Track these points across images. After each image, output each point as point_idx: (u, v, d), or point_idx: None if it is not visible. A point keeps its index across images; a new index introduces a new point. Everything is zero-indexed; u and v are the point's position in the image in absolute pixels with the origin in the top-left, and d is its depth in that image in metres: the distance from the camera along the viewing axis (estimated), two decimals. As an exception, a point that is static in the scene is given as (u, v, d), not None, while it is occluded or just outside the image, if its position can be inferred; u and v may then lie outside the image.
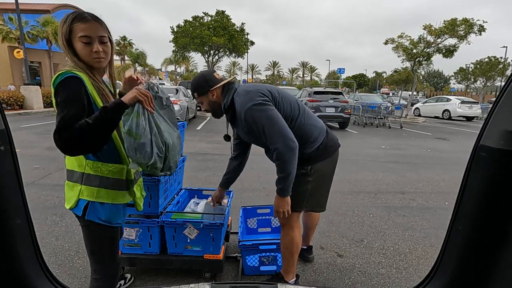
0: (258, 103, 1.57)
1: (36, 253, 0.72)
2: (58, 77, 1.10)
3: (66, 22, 1.16)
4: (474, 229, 0.72)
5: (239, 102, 1.62)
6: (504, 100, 0.64)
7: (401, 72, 24.27)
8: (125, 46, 31.31)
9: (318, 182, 1.80)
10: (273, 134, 1.55)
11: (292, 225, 1.86)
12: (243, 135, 1.81)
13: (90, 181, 1.22)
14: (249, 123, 1.60)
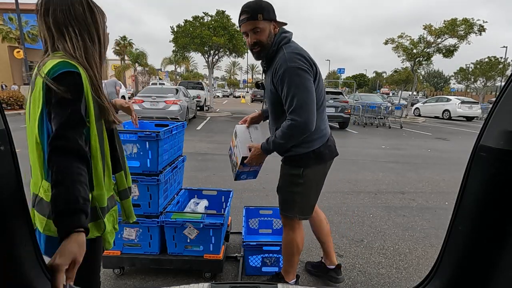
0: (303, 69, 1.47)
1: (36, 253, 0.72)
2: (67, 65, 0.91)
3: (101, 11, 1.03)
4: (474, 229, 0.72)
5: (286, 55, 1.50)
6: (504, 100, 0.64)
7: (401, 72, 24.26)
8: (125, 46, 31.32)
9: (308, 187, 1.73)
10: (300, 105, 1.46)
11: (293, 226, 1.83)
12: (267, 89, 1.69)
13: (42, 208, 0.94)
14: (282, 81, 1.49)
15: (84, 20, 0.97)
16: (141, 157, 1.96)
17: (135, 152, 1.95)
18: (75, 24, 0.95)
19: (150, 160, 1.97)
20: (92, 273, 1.10)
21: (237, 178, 1.93)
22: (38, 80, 0.90)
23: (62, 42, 0.95)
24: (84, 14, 0.97)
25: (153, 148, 1.94)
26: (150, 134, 1.89)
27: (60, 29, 0.95)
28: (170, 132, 2.14)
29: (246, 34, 1.59)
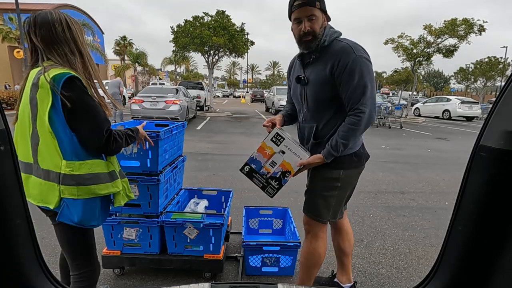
0: (369, 60, 1.45)
1: (36, 253, 0.72)
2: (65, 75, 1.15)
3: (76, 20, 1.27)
4: (474, 229, 0.72)
5: (351, 45, 1.45)
6: (504, 100, 0.64)
7: (401, 72, 24.25)
8: (125, 46, 31.32)
9: (344, 190, 1.65)
10: (371, 96, 1.43)
11: (317, 234, 1.68)
12: (315, 83, 1.54)
13: (67, 180, 1.21)
14: (352, 70, 1.41)
15: (65, 38, 1.21)
16: (141, 157, 1.96)
17: (135, 152, 1.95)
18: (57, 41, 1.20)
19: (150, 160, 1.97)
20: (90, 248, 1.40)
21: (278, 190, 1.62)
22: (43, 83, 1.13)
23: (51, 55, 1.20)
24: (64, 32, 1.21)
25: (153, 148, 1.94)
26: (150, 134, 1.89)
27: (47, 45, 1.20)
28: (170, 132, 2.14)
29: (298, 22, 1.47)
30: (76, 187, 1.21)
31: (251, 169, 1.57)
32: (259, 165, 1.57)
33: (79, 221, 1.24)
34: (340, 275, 2.02)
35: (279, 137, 1.53)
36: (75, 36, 1.24)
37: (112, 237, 2.08)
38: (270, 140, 1.53)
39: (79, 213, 1.23)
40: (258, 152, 1.55)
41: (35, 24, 1.18)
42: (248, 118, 14.62)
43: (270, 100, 16.97)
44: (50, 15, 1.20)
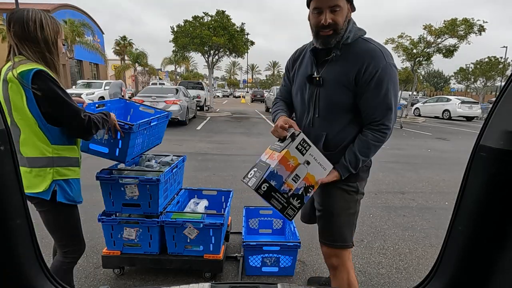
0: (395, 66, 1.29)
1: (36, 253, 0.72)
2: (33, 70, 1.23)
3: (55, 21, 1.36)
4: (474, 229, 0.71)
5: (381, 49, 1.26)
6: (504, 100, 0.64)
7: (401, 72, 24.25)
8: (125, 46, 31.31)
9: (359, 205, 1.49)
10: (395, 111, 1.30)
11: (347, 266, 1.47)
12: (332, 84, 1.33)
13: (60, 162, 1.37)
14: (380, 80, 1.24)
15: (35, 36, 1.28)
16: (111, 144, 1.84)
17: (105, 139, 1.83)
18: (29, 38, 1.27)
19: (120, 149, 1.85)
20: (76, 227, 1.54)
21: (299, 210, 1.34)
22: (11, 78, 1.22)
23: (23, 50, 1.28)
24: (35, 31, 1.27)
25: (124, 139, 1.82)
26: (123, 125, 1.76)
27: (19, 41, 1.27)
28: (149, 124, 2.01)
29: (319, 11, 1.25)
30: (67, 167, 1.40)
31: (270, 187, 1.19)
32: (281, 181, 1.21)
33: (74, 198, 1.44)
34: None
35: (305, 144, 1.26)
36: (47, 36, 1.31)
37: (112, 237, 2.08)
38: (295, 148, 1.23)
39: (74, 191, 1.43)
40: (280, 164, 1.19)
41: (9, 21, 1.26)
42: (248, 118, 14.62)
43: (270, 100, 16.98)
44: (26, 13, 1.26)
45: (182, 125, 10.36)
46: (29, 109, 1.25)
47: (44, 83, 1.25)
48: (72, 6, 25.83)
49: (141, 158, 2.49)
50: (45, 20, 1.30)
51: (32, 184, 1.34)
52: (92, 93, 14.46)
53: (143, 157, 2.51)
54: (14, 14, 1.27)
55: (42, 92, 1.24)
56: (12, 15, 1.26)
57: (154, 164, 2.41)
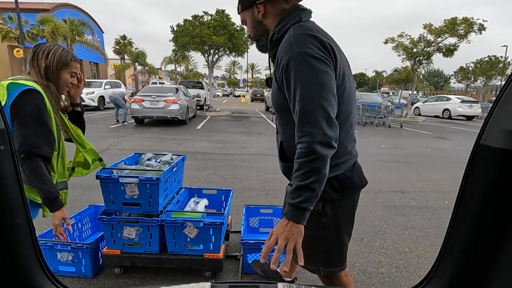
0: (315, 56, 0.97)
1: (36, 253, 0.72)
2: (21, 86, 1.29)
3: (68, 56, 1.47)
4: (474, 229, 0.72)
5: (292, 38, 1.02)
6: (504, 100, 0.64)
7: (401, 71, 24.21)
8: (125, 46, 31.28)
9: (335, 228, 1.24)
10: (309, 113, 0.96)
11: (342, 283, 1.31)
12: (272, 90, 1.19)
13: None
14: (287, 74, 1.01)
15: (39, 63, 1.41)
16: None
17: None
18: (35, 64, 1.42)
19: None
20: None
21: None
22: (2, 86, 1.28)
23: (30, 70, 1.42)
24: (40, 60, 1.41)
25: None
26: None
27: (30, 64, 1.43)
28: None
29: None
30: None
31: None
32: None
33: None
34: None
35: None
36: (48, 64, 1.42)
37: (112, 236, 2.08)
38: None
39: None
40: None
41: (33, 48, 1.44)
42: (248, 117, 14.61)
43: (270, 99, 16.97)
44: (43, 45, 1.44)
45: (182, 124, 10.36)
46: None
47: (27, 100, 1.28)
48: (72, 5, 25.78)
49: (141, 158, 2.50)
50: (53, 51, 1.42)
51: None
52: (92, 93, 14.44)
53: (143, 156, 2.51)
54: (37, 45, 1.44)
55: (19, 107, 1.27)
56: (37, 44, 1.44)
57: (154, 163, 2.41)
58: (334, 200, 1.18)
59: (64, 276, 2.12)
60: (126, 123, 10.35)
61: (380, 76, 60.29)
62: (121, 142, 7.12)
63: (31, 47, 1.47)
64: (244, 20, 1.23)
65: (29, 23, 18.28)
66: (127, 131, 8.85)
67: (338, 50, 1.08)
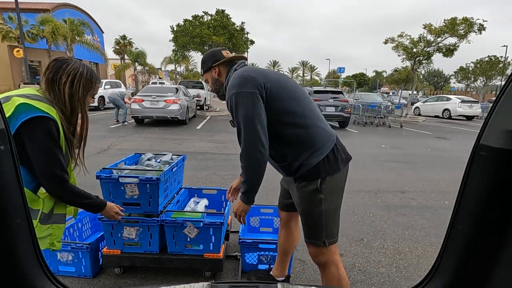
0: (244, 92, 1.35)
1: (36, 253, 0.72)
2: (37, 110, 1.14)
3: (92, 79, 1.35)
4: (474, 229, 0.72)
5: (229, 85, 1.44)
6: (504, 100, 0.64)
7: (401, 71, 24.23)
8: (125, 46, 31.27)
9: (333, 199, 1.47)
10: (244, 132, 1.37)
11: (334, 261, 1.52)
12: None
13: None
14: (230, 111, 1.44)
15: (63, 89, 1.27)
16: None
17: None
18: (56, 89, 1.27)
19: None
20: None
21: None
22: (14, 99, 1.14)
23: (47, 92, 1.27)
24: (64, 85, 1.27)
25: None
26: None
27: (48, 86, 1.27)
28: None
29: None
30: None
31: None
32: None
33: None
34: (276, 270, 2.05)
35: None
36: (74, 92, 1.29)
37: (112, 236, 2.08)
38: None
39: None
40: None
41: (49, 65, 1.29)
42: (248, 117, 14.58)
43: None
44: (65, 66, 1.28)
45: (182, 124, 10.37)
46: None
47: (42, 128, 1.15)
48: (72, 5, 25.78)
49: (141, 158, 2.50)
50: (79, 77, 1.30)
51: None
52: (92, 92, 14.42)
53: (143, 156, 2.51)
54: (56, 61, 1.29)
55: (32, 135, 1.14)
56: (54, 61, 1.29)
57: (154, 163, 2.41)
58: (327, 177, 1.43)
59: (64, 276, 2.12)
60: (126, 123, 10.35)
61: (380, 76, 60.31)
62: (121, 142, 7.12)
63: (31, 47, 1.37)
64: (207, 79, 1.71)
65: (29, 23, 18.28)
66: (127, 131, 8.85)
67: (266, 74, 1.43)
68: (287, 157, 1.46)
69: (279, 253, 2.00)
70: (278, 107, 1.39)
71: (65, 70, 1.27)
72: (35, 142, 1.15)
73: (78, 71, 1.30)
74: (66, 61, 1.29)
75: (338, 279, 1.51)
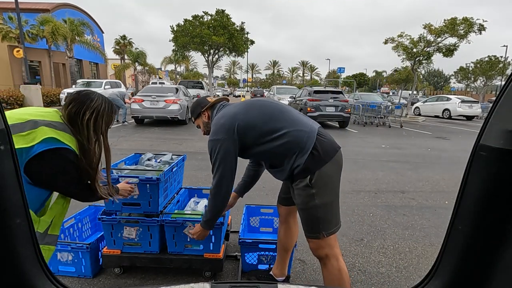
0: (216, 139, 1.63)
1: (36, 253, 0.72)
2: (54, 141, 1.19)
3: (113, 112, 1.42)
4: (474, 229, 0.72)
5: (210, 131, 1.72)
6: (504, 100, 0.64)
7: (401, 71, 24.25)
8: (125, 46, 31.25)
9: (326, 192, 1.53)
10: (216, 172, 1.68)
11: (334, 253, 1.58)
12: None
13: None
14: (209, 153, 1.73)
15: (87, 125, 1.30)
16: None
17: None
18: (79, 123, 1.30)
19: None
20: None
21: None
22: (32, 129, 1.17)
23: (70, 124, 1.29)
24: (88, 121, 1.30)
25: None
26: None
27: (70, 119, 1.29)
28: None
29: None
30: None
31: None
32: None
33: None
34: (276, 269, 2.07)
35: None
36: (97, 128, 1.35)
37: (112, 236, 2.08)
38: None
39: None
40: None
41: (72, 99, 1.31)
42: (248, 117, 14.57)
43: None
44: (89, 102, 1.31)
45: (182, 124, 10.37)
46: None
47: (63, 159, 1.22)
48: (72, 5, 25.78)
49: (141, 158, 2.50)
50: (102, 113, 1.34)
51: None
52: (92, 93, 14.41)
53: (143, 156, 2.51)
54: (79, 95, 1.32)
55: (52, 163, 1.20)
56: (76, 95, 1.32)
57: (154, 163, 2.41)
58: (316, 171, 1.51)
59: (64, 276, 2.12)
60: (126, 123, 10.35)
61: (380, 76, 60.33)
62: (121, 142, 7.12)
63: (31, 47, 1.36)
64: (198, 124, 1.92)
65: (29, 23, 18.28)
66: (127, 131, 8.85)
67: (236, 114, 1.61)
68: (282, 163, 1.60)
69: (279, 249, 2.03)
70: (253, 134, 1.58)
71: (89, 106, 1.30)
72: (57, 168, 1.22)
73: (101, 108, 1.34)
74: (90, 97, 1.32)
75: (338, 270, 1.57)
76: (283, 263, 2.05)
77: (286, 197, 1.87)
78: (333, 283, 1.58)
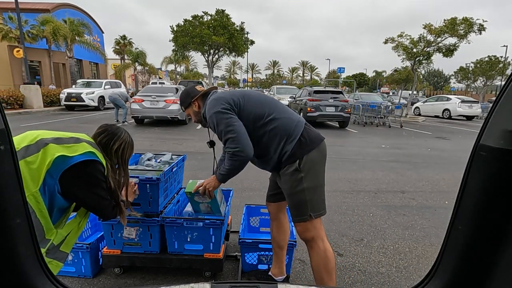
0: (217, 111, 1.65)
1: (36, 253, 0.72)
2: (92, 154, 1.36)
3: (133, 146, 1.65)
4: (474, 229, 0.72)
5: (206, 110, 1.75)
6: (504, 100, 0.64)
7: (401, 71, 24.24)
8: (125, 46, 31.26)
9: (312, 176, 1.63)
10: (227, 134, 1.64)
11: (319, 235, 1.67)
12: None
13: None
14: (212, 128, 1.73)
15: (114, 154, 1.53)
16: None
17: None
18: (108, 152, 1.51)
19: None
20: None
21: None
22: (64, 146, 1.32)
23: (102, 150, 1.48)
24: (116, 152, 1.53)
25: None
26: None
27: (103, 147, 1.50)
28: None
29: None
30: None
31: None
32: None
33: None
34: (274, 268, 2.07)
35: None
36: (122, 157, 1.56)
37: (112, 236, 2.08)
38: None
39: None
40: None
41: (104, 129, 1.54)
42: (248, 117, 14.58)
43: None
44: (118, 135, 1.55)
45: (182, 124, 10.37)
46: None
47: (93, 170, 1.36)
48: (72, 5, 25.79)
49: (141, 158, 2.49)
50: (126, 145, 1.57)
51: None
52: (91, 92, 14.43)
53: (143, 156, 2.51)
54: (108, 128, 1.54)
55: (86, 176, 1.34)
56: (105, 127, 1.54)
57: (154, 163, 2.41)
58: (303, 156, 1.62)
59: (64, 276, 2.12)
60: (126, 123, 10.35)
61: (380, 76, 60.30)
62: (121, 142, 7.11)
63: (31, 47, 1.42)
64: (189, 113, 1.98)
65: (29, 23, 18.28)
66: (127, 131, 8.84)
67: (232, 94, 1.73)
68: (269, 151, 1.69)
69: (274, 248, 2.04)
70: (249, 116, 1.66)
71: (117, 139, 1.53)
72: (91, 178, 1.37)
73: (127, 142, 1.58)
74: (117, 132, 1.56)
75: (324, 251, 1.66)
76: (280, 262, 2.05)
77: (274, 193, 1.93)
78: (320, 263, 1.67)
